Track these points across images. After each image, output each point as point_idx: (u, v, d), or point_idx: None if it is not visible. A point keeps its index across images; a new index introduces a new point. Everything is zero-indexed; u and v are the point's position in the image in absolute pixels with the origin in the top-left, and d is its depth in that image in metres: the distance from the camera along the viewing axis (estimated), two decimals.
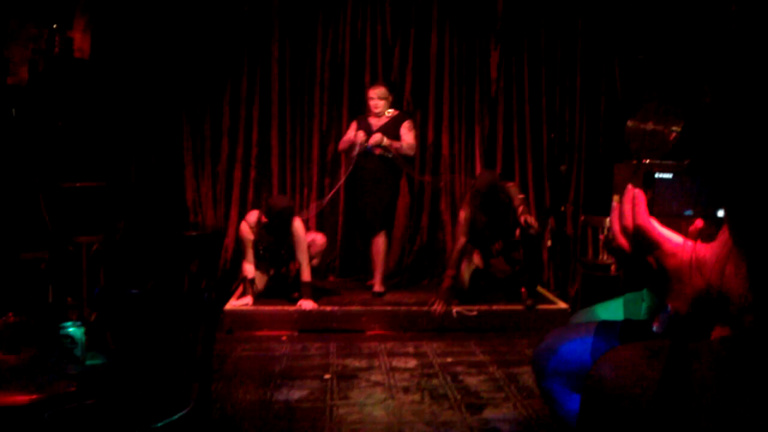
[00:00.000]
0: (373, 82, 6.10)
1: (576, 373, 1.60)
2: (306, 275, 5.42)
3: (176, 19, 6.24)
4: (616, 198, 1.07)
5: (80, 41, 5.33)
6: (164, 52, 6.22)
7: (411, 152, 5.82)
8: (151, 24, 6.14)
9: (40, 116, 4.96)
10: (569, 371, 1.60)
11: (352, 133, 5.78)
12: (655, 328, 1.12)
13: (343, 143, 5.84)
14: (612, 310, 1.81)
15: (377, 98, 5.80)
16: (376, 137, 5.64)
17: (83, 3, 5.33)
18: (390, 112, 5.86)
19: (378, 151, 5.67)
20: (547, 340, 1.75)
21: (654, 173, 1.06)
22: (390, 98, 5.89)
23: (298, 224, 5.43)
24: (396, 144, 5.71)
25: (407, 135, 5.78)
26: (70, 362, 2.42)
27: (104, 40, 5.69)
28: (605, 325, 1.60)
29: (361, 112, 6.14)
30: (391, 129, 5.77)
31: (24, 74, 4.75)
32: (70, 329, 2.44)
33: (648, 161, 4.43)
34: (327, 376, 4.27)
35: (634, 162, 4.69)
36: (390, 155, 5.68)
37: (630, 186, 1.06)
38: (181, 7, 6.24)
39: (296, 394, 3.99)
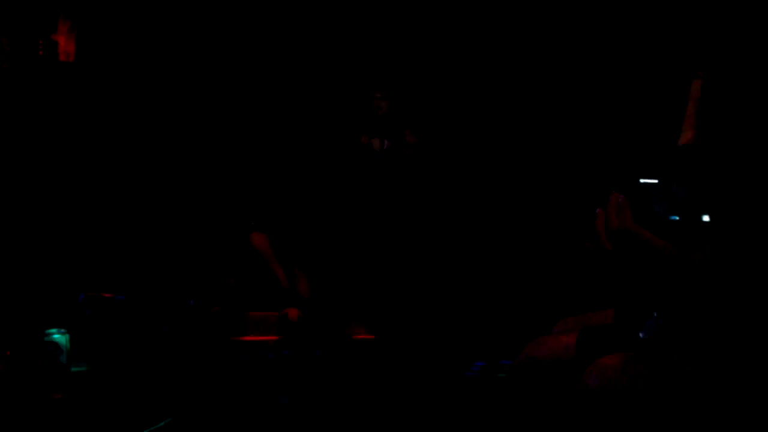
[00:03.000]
0: None
1: (560, 376, 1.59)
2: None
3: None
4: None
5: (65, 44, 5.30)
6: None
7: None
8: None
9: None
10: (554, 378, 1.59)
11: None
12: (641, 334, 1.11)
13: None
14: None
15: None
16: None
17: (67, 7, 5.30)
18: None
19: None
20: (528, 350, 1.73)
21: (639, 179, 1.05)
22: None
23: None
24: None
25: None
26: (54, 369, 2.40)
27: (91, 44, 5.67)
28: (589, 331, 1.59)
29: None
30: None
31: None
32: (55, 336, 2.42)
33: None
34: None
35: None
36: None
37: (614, 192, 1.05)
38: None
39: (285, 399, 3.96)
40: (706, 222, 1.01)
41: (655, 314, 1.09)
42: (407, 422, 3.08)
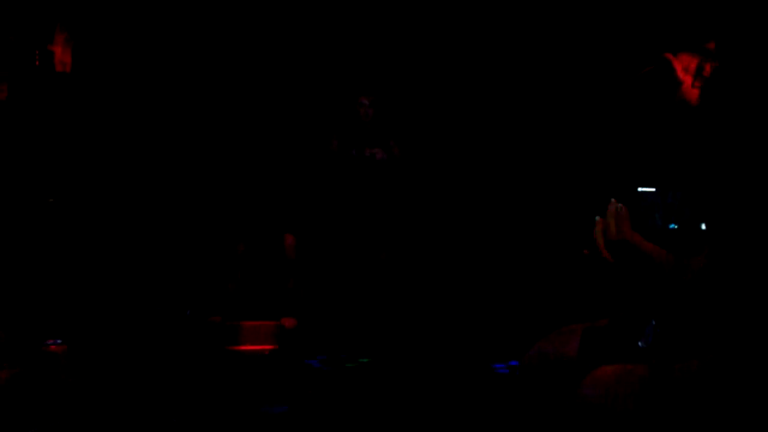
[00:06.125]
0: None
1: (564, 376, 1.60)
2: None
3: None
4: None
5: (61, 55, 5.30)
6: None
7: None
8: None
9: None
10: (558, 375, 1.61)
11: None
12: (639, 343, 1.11)
13: None
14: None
15: None
16: None
17: (64, 17, 5.30)
18: None
19: None
20: (536, 347, 1.75)
21: (637, 187, 1.05)
22: None
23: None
24: None
25: None
26: (53, 381, 2.39)
27: (87, 55, 5.67)
28: (591, 331, 1.60)
29: None
30: None
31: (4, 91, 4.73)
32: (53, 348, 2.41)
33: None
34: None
35: None
36: None
37: (613, 200, 1.05)
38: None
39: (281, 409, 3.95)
40: (703, 230, 1.02)
41: (654, 322, 1.09)
42: (402, 426, 3.07)
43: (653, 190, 1.08)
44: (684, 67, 1.22)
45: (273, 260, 5.52)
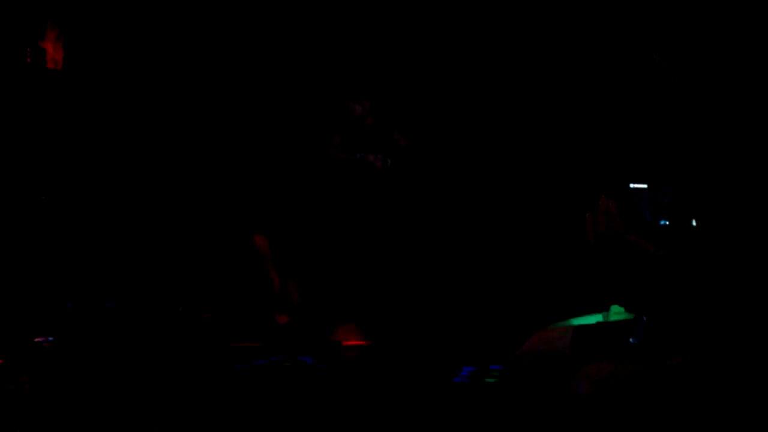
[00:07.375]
0: None
1: (557, 373, 1.61)
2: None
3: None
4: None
5: (53, 52, 5.28)
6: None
7: None
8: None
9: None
10: (551, 372, 1.61)
11: None
12: (631, 339, 1.12)
13: None
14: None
15: None
16: None
17: (55, 14, 5.29)
18: None
19: None
20: (528, 344, 1.75)
21: (628, 183, 1.06)
22: None
23: None
24: None
25: None
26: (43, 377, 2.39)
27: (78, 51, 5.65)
28: (582, 329, 1.61)
29: None
30: None
31: None
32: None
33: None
34: None
35: None
36: None
37: (604, 197, 1.06)
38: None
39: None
40: (694, 226, 1.02)
41: (645, 319, 1.09)
42: (398, 428, 3.07)
43: (645, 186, 1.08)
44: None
45: (247, 259, 5.55)
